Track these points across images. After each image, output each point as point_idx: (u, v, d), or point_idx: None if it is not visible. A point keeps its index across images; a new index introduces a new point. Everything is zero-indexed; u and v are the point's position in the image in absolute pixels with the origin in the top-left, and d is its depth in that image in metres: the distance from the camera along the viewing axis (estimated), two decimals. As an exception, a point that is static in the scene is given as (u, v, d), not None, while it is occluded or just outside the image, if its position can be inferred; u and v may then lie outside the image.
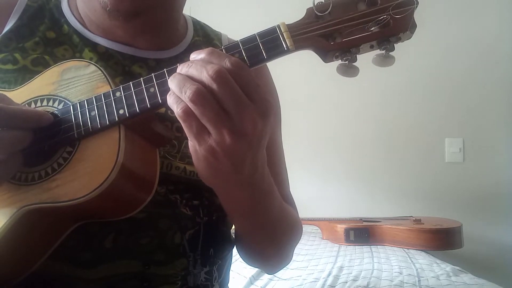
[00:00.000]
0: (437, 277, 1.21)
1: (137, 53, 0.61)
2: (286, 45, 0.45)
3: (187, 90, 0.40)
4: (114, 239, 0.52)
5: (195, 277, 0.58)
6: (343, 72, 0.48)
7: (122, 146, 0.45)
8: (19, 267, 0.47)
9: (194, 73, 0.41)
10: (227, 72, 0.41)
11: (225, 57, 0.42)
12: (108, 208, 0.47)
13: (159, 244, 0.54)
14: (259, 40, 0.46)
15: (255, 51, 0.46)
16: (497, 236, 1.96)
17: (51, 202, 0.44)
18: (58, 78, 0.52)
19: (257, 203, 0.51)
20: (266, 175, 0.50)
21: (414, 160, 2.10)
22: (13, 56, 0.57)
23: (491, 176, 2.01)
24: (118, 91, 0.47)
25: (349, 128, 2.18)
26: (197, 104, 0.40)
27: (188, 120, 0.41)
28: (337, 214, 1.99)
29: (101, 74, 0.51)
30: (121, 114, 0.46)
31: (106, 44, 0.60)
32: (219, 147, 0.42)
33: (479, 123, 2.06)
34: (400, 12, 0.45)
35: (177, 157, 0.56)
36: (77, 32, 0.61)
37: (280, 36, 0.46)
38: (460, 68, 2.08)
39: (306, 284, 1.16)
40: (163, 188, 0.55)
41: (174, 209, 0.56)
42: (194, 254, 0.58)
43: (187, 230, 0.57)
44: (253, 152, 0.43)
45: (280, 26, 0.46)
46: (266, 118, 0.42)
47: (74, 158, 0.46)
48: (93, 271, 0.51)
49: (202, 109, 0.40)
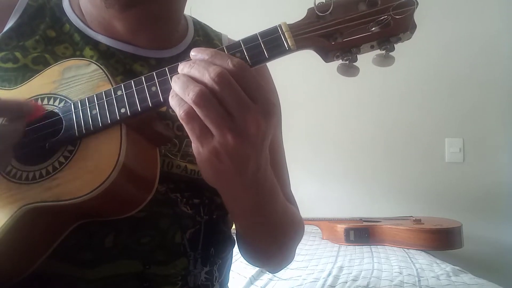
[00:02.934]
0: (437, 277, 1.21)
1: (138, 52, 0.61)
2: (287, 45, 0.45)
3: (190, 92, 0.40)
4: (115, 239, 0.52)
5: (196, 277, 0.58)
6: (344, 72, 0.48)
7: (124, 145, 0.45)
8: (19, 266, 0.47)
9: (196, 74, 0.42)
10: (229, 74, 0.41)
11: (227, 58, 0.42)
12: (109, 207, 0.47)
13: (160, 244, 0.54)
14: (260, 39, 0.46)
15: (257, 51, 0.46)
16: (497, 236, 1.96)
17: (52, 201, 0.44)
18: (59, 76, 0.52)
19: (260, 203, 0.51)
20: (269, 174, 0.50)
21: (414, 160, 2.10)
22: (14, 54, 0.57)
23: (491, 176, 2.01)
24: (119, 90, 0.47)
25: (349, 128, 2.18)
26: (200, 106, 0.40)
27: (191, 123, 0.41)
28: (337, 214, 1.99)
29: (102, 73, 0.51)
30: (122, 113, 0.46)
31: (107, 42, 0.60)
32: (222, 149, 0.42)
33: (479, 123, 2.06)
34: (400, 13, 0.45)
35: (178, 155, 0.56)
36: (79, 30, 0.61)
37: (281, 36, 0.46)
38: (460, 68, 2.08)
39: (306, 284, 1.16)
40: (164, 187, 0.55)
41: (175, 208, 0.56)
42: (194, 253, 0.58)
43: (187, 229, 0.57)
44: (257, 152, 0.44)
45: (281, 25, 0.46)
46: (269, 119, 0.43)
47: (75, 157, 0.46)
48: (94, 271, 0.51)
49: (205, 111, 0.40)
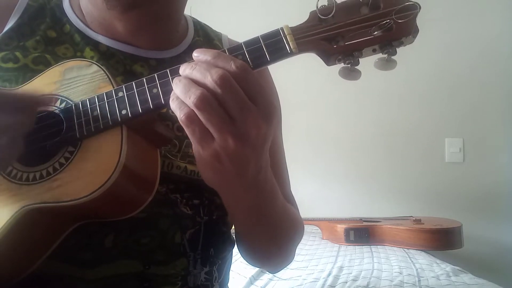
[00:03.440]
0: (437, 277, 1.21)
1: (138, 52, 0.61)
2: (289, 48, 0.45)
3: (191, 95, 0.40)
4: (115, 239, 0.52)
5: (195, 277, 0.58)
6: (345, 76, 0.48)
7: (124, 146, 0.45)
8: (19, 266, 0.47)
9: (198, 76, 0.41)
10: (231, 76, 0.41)
11: (230, 60, 0.42)
12: (109, 208, 0.47)
13: (160, 244, 0.54)
14: (262, 42, 0.46)
15: (258, 53, 0.45)
16: (497, 236, 1.96)
17: (53, 202, 0.44)
18: (60, 77, 0.52)
19: (260, 204, 0.51)
20: (269, 176, 0.50)
21: (414, 160, 2.10)
22: (14, 54, 0.56)
23: (491, 176, 2.01)
24: (120, 91, 0.47)
25: (349, 128, 2.18)
26: (202, 109, 0.40)
27: (191, 126, 0.41)
28: (337, 214, 1.99)
29: (103, 74, 0.50)
30: (123, 114, 0.46)
31: (107, 43, 0.60)
32: (223, 152, 0.42)
33: (479, 123, 2.05)
34: (403, 17, 0.45)
35: (178, 156, 0.56)
36: (79, 31, 0.61)
37: (283, 39, 0.45)
38: (460, 68, 2.07)
39: (306, 284, 1.16)
40: (164, 187, 0.55)
41: (175, 209, 0.56)
42: (194, 253, 0.58)
43: (187, 230, 0.57)
44: (257, 155, 0.43)
45: (283, 28, 0.46)
46: (270, 122, 0.42)
47: (76, 158, 0.46)
48: (94, 271, 0.51)
49: (207, 114, 0.40)
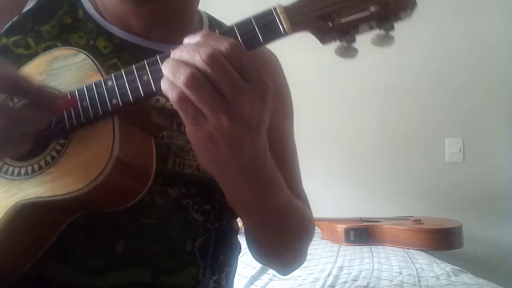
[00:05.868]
0: (437, 277, 1.21)
1: (151, 46, 0.60)
2: (283, 28, 0.43)
3: (180, 75, 0.39)
4: (125, 245, 0.51)
5: (204, 286, 0.57)
6: (342, 54, 0.46)
7: (117, 137, 0.44)
8: (15, 262, 0.47)
9: (187, 57, 0.40)
10: (220, 54, 0.39)
11: (221, 39, 0.41)
12: (103, 201, 0.46)
13: (170, 252, 0.53)
14: (254, 23, 0.44)
15: (251, 35, 0.44)
16: (497, 236, 1.96)
17: (47, 196, 0.43)
18: (46, 68, 0.50)
19: (261, 194, 0.49)
20: (269, 162, 0.48)
21: (414, 160, 2.09)
22: (26, 40, 0.55)
23: (491, 176, 2.00)
24: (110, 80, 0.46)
25: (349, 128, 2.17)
26: (192, 89, 0.39)
27: (183, 106, 0.40)
28: (337, 214, 1.98)
29: (91, 62, 0.49)
30: (114, 104, 0.45)
31: (121, 35, 0.59)
32: (217, 132, 0.40)
33: (479, 123, 2.05)
34: None
35: (190, 154, 0.54)
36: (92, 19, 0.59)
37: (276, 19, 0.44)
38: (460, 68, 2.07)
39: (306, 284, 1.16)
40: (175, 192, 0.54)
41: (186, 215, 0.55)
42: (204, 262, 0.57)
43: (198, 237, 0.56)
44: (253, 136, 0.42)
45: (276, 8, 0.44)
46: (264, 101, 0.41)
47: (67, 150, 0.45)
48: (103, 278, 0.50)
49: (197, 93, 0.39)
